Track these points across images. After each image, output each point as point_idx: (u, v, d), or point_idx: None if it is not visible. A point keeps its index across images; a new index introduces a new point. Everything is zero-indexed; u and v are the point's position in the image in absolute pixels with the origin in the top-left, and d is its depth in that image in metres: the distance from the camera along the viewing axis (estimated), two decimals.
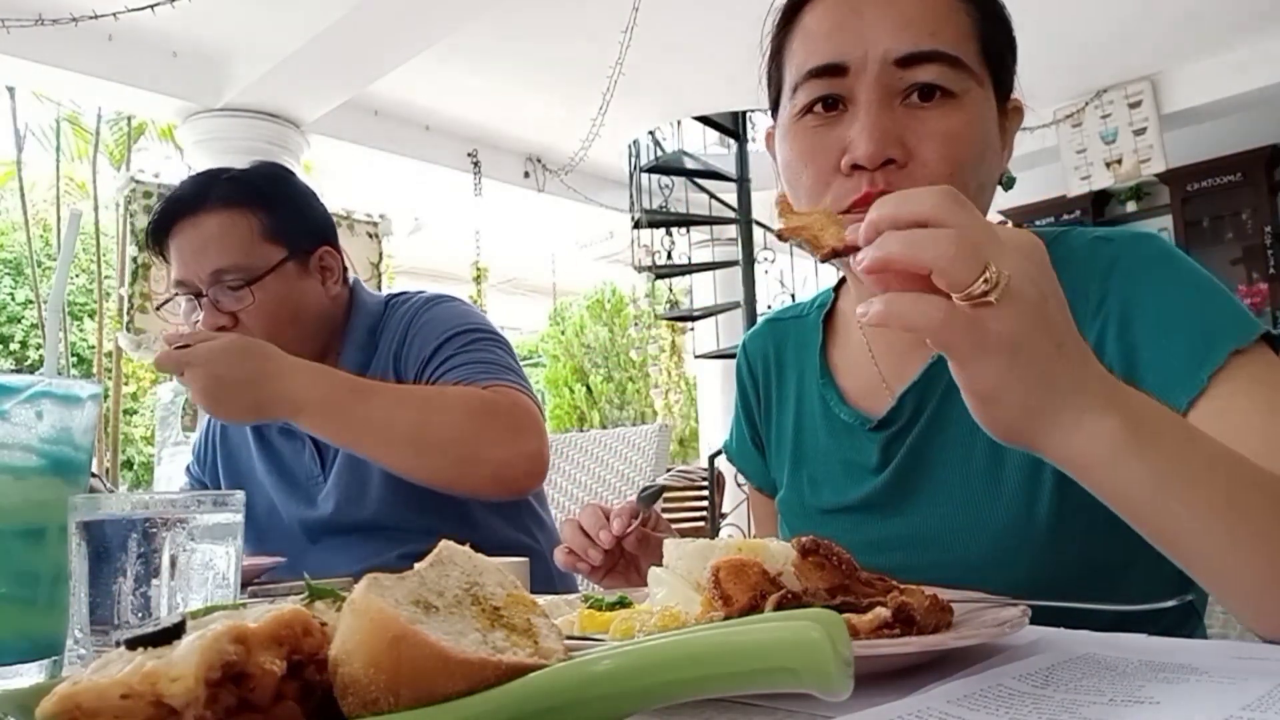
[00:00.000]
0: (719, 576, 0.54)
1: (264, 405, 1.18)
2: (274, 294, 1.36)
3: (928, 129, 0.75)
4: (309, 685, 0.33)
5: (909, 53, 0.75)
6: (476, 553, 0.41)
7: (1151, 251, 0.77)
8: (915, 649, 0.48)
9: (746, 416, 1.09)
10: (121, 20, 4.54)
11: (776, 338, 1.05)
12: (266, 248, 1.37)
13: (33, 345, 10.88)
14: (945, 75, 0.75)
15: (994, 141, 0.80)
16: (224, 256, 1.34)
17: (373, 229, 6.28)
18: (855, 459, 0.90)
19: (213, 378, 1.15)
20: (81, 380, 0.64)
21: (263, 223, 1.37)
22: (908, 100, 0.76)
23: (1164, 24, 5.59)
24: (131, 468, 9.94)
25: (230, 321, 1.35)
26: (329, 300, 1.45)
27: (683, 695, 0.33)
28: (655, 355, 10.40)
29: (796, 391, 1.00)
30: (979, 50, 0.79)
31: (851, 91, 0.77)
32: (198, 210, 1.35)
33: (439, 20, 4.75)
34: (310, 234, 1.44)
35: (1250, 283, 6.83)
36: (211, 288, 1.34)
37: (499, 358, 1.37)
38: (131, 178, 5.57)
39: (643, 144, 6.61)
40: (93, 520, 0.58)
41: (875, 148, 0.74)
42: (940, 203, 0.51)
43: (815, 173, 0.79)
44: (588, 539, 0.94)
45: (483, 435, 1.24)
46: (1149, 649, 0.53)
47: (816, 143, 0.79)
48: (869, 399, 0.92)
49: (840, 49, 0.77)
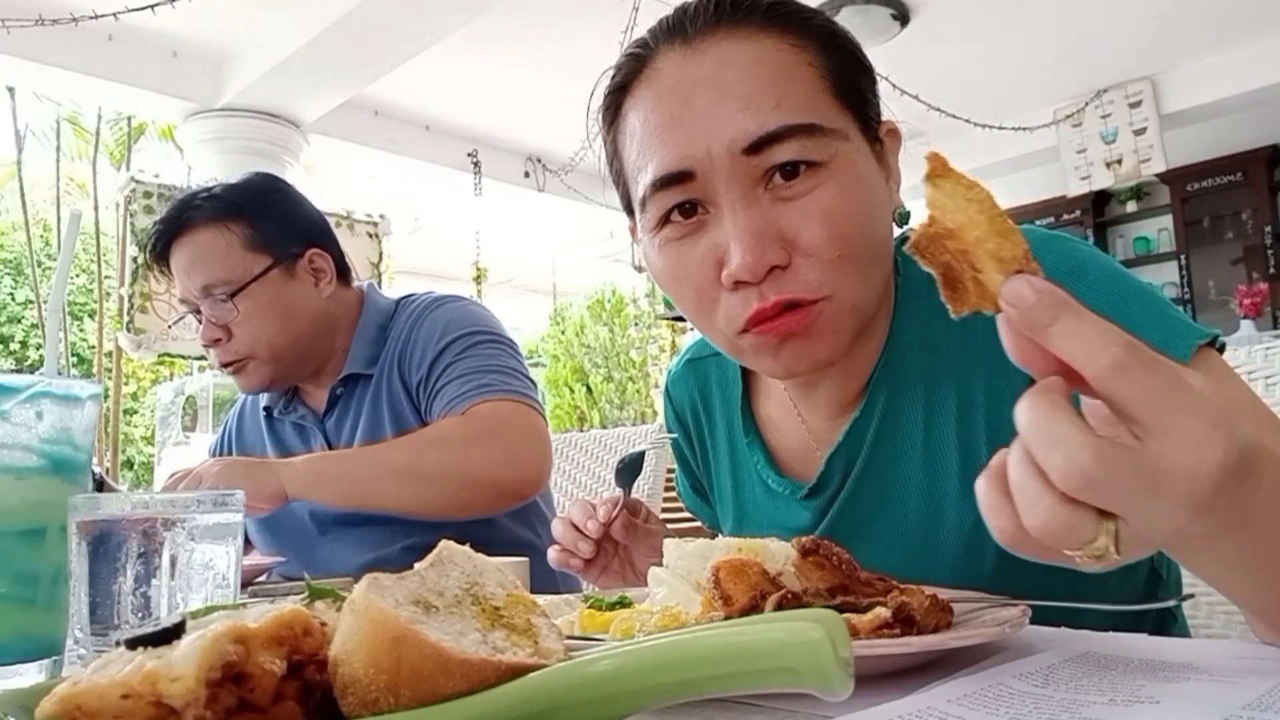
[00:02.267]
0: (719, 576, 0.54)
1: (274, 495, 1.28)
2: (261, 301, 1.41)
3: (801, 212, 0.67)
4: (309, 685, 0.33)
5: (756, 138, 0.66)
6: (477, 553, 0.41)
7: (1058, 267, 0.68)
8: (915, 649, 0.48)
9: (684, 467, 1.03)
10: (121, 20, 4.54)
11: (699, 380, 0.97)
12: (249, 257, 1.42)
13: (33, 345, 10.88)
14: (805, 148, 0.67)
15: (878, 193, 0.72)
16: (208, 271, 1.40)
17: (373, 229, 6.28)
18: (791, 524, 0.86)
19: (223, 477, 1.24)
20: (81, 380, 0.64)
21: (244, 234, 1.42)
22: (771, 184, 0.68)
23: (1164, 24, 5.58)
24: (131, 468, 9.94)
25: (224, 334, 1.41)
26: (324, 300, 1.48)
27: (683, 695, 0.33)
28: (655, 355, 10.39)
29: (729, 442, 0.93)
30: (834, 99, 0.70)
31: (706, 193, 0.69)
32: (183, 231, 1.43)
33: (439, 19, 4.75)
34: (296, 238, 1.47)
35: (1250, 283, 6.83)
36: (203, 302, 1.41)
37: (500, 363, 1.40)
38: (131, 178, 5.57)
39: None
40: (93, 520, 0.58)
41: (753, 258, 0.66)
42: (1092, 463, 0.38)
43: (695, 294, 0.71)
44: (577, 532, 0.92)
45: (477, 459, 1.29)
46: (1149, 649, 0.53)
47: (686, 258, 0.70)
48: (800, 461, 0.86)
49: (679, 152, 0.68)
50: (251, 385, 1.47)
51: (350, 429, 1.48)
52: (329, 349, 1.49)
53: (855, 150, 0.70)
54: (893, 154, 0.76)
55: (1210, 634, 1.01)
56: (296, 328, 1.44)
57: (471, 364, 1.38)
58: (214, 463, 1.28)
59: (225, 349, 1.42)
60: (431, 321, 1.45)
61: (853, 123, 0.71)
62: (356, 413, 1.47)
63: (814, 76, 0.69)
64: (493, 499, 1.34)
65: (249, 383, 1.46)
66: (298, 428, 1.55)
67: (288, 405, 1.55)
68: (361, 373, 1.47)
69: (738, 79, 0.68)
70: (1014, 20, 5.39)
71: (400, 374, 1.44)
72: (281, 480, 1.28)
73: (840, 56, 0.72)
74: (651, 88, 0.72)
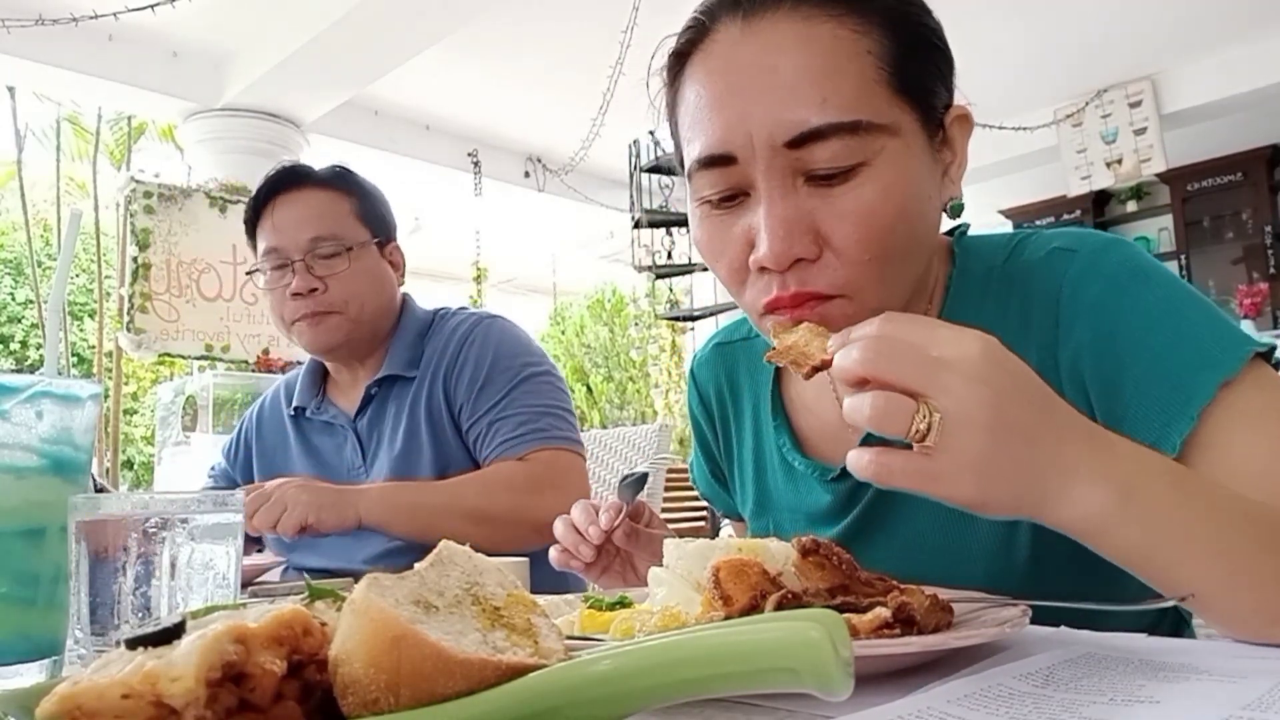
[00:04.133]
0: (719, 576, 0.54)
1: (352, 522, 1.34)
2: (363, 266, 1.50)
3: (838, 210, 0.66)
4: (309, 685, 0.33)
5: (799, 134, 0.65)
6: (476, 553, 0.41)
7: (1120, 268, 0.70)
8: (915, 649, 0.48)
9: (705, 451, 1.03)
10: (121, 20, 4.55)
11: (727, 363, 0.97)
12: (358, 226, 1.52)
13: (33, 345, 10.88)
14: (847, 146, 0.65)
15: (924, 188, 0.70)
16: (323, 225, 1.49)
17: None
18: (815, 509, 0.86)
19: (311, 505, 1.30)
20: (81, 380, 0.64)
21: (354, 205, 1.53)
22: (811, 177, 0.67)
23: (1164, 24, 5.59)
24: (131, 468, 9.94)
25: (321, 285, 1.47)
26: (395, 290, 1.58)
27: (683, 695, 0.33)
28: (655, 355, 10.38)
29: (754, 425, 0.93)
30: (890, 90, 0.67)
31: (746, 179, 0.68)
32: (300, 185, 1.51)
33: (439, 20, 4.76)
34: (387, 229, 1.58)
35: (1250, 283, 6.83)
36: (307, 254, 1.47)
37: (554, 401, 1.48)
38: (131, 178, 5.57)
39: (643, 144, 6.61)
40: (93, 520, 0.58)
41: (780, 248, 0.66)
42: (863, 358, 0.52)
43: (728, 268, 0.72)
44: (578, 535, 0.92)
45: (541, 508, 1.35)
46: (1149, 649, 0.53)
47: (724, 234, 0.71)
48: (831, 443, 0.85)
49: (724, 136, 0.68)
50: (325, 341, 1.51)
51: (384, 431, 1.51)
52: (380, 340, 1.55)
53: (905, 146, 0.68)
54: (961, 140, 0.74)
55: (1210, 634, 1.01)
56: (380, 301, 1.53)
57: (525, 401, 1.45)
58: (293, 485, 1.32)
59: (318, 299, 1.47)
60: (483, 342, 1.50)
61: (909, 114, 0.68)
62: (395, 416, 1.50)
63: (871, 66, 0.67)
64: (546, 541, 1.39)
65: (325, 339, 1.50)
66: (327, 426, 1.58)
67: (320, 405, 1.59)
68: (400, 375, 1.51)
69: (788, 67, 0.66)
70: (1014, 20, 5.39)
71: (445, 387, 1.48)
72: (359, 509, 1.34)
73: (907, 40, 0.69)
74: (705, 63, 0.71)
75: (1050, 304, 0.72)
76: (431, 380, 1.49)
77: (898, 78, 0.67)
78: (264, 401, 1.73)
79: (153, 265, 5.33)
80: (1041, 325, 0.73)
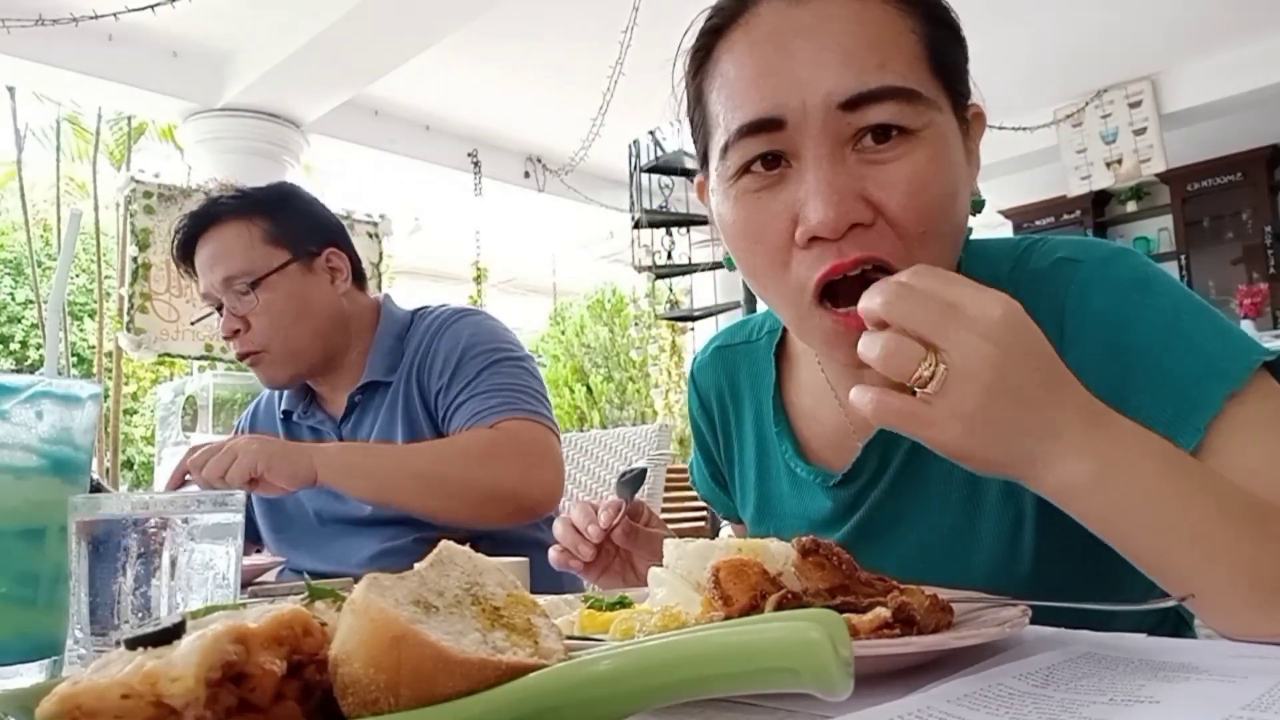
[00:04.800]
0: (719, 576, 0.54)
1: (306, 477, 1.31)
2: (279, 293, 1.45)
3: (889, 178, 0.65)
4: (309, 685, 0.33)
5: (855, 94, 0.64)
6: (476, 553, 0.41)
7: (1125, 279, 0.70)
8: (915, 649, 0.48)
9: (705, 454, 1.02)
10: (121, 20, 4.55)
11: (728, 367, 0.96)
12: (269, 251, 1.46)
13: (33, 345, 10.88)
14: (901, 113, 0.64)
15: (961, 171, 0.70)
16: (230, 264, 1.44)
17: (373, 229, 6.27)
18: (816, 515, 0.85)
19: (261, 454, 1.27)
20: (81, 380, 0.64)
21: (264, 229, 1.47)
22: (860, 146, 0.65)
23: (1164, 24, 5.59)
24: (131, 468, 9.94)
25: (243, 325, 1.45)
26: (338, 298, 1.52)
27: (683, 695, 0.33)
28: (655, 355, 10.38)
29: (755, 429, 0.92)
30: (931, 70, 0.68)
31: (793, 145, 0.66)
32: (207, 228, 1.47)
33: (439, 20, 4.76)
34: (315, 237, 1.51)
35: (1250, 283, 6.83)
36: (225, 295, 1.45)
37: (522, 382, 1.45)
38: (131, 178, 5.56)
39: (643, 144, 6.61)
40: (93, 520, 0.58)
41: (835, 214, 0.63)
42: (885, 301, 0.54)
43: (768, 252, 0.68)
44: (578, 535, 0.92)
45: (498, 473, 1.34)
46: (1149, 649, 0.53)
47: (762, 213, 0.68)
48: (832, 449, 0.84)
49: (773, 98, 0.65)
50: (270, 378, 1.51)
51: (366, 436, 1.50)
52: (345, 349, 1.52)
53: (947, 124, 0.68)
54: (975, 138, 0.74)
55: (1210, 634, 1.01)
56: (313, 322, 1.48)
57: (495, 381, 1.42)
58: (249, 438, 1.30)
59: (243, 340, 1.46)
60: (454, 333, 1.48)
61: (945, 97, 0.69)
62: (375, 420, 1.50)
63: (916, 44, 0.67)
64: (509, 513, 1.38)
65: (267, 375, 1.50)
66: (314, 432, 1.58)
67: (306, 410, 1.58)
68: (380, 381, 1.50)
69: (842, 33, 0.65)
70: (1014, 20, 5.39)
71: (419, 383, 1.47)
72: (314, 463, 1.31)
73: (941, 30, 0.69)
74: (750, 34, 0.69)
75: (1055, 314, 0.71)
76: (409, 379, 1.48)
77: (936, 61, 0.68)
78: (259, 403, 1.73)
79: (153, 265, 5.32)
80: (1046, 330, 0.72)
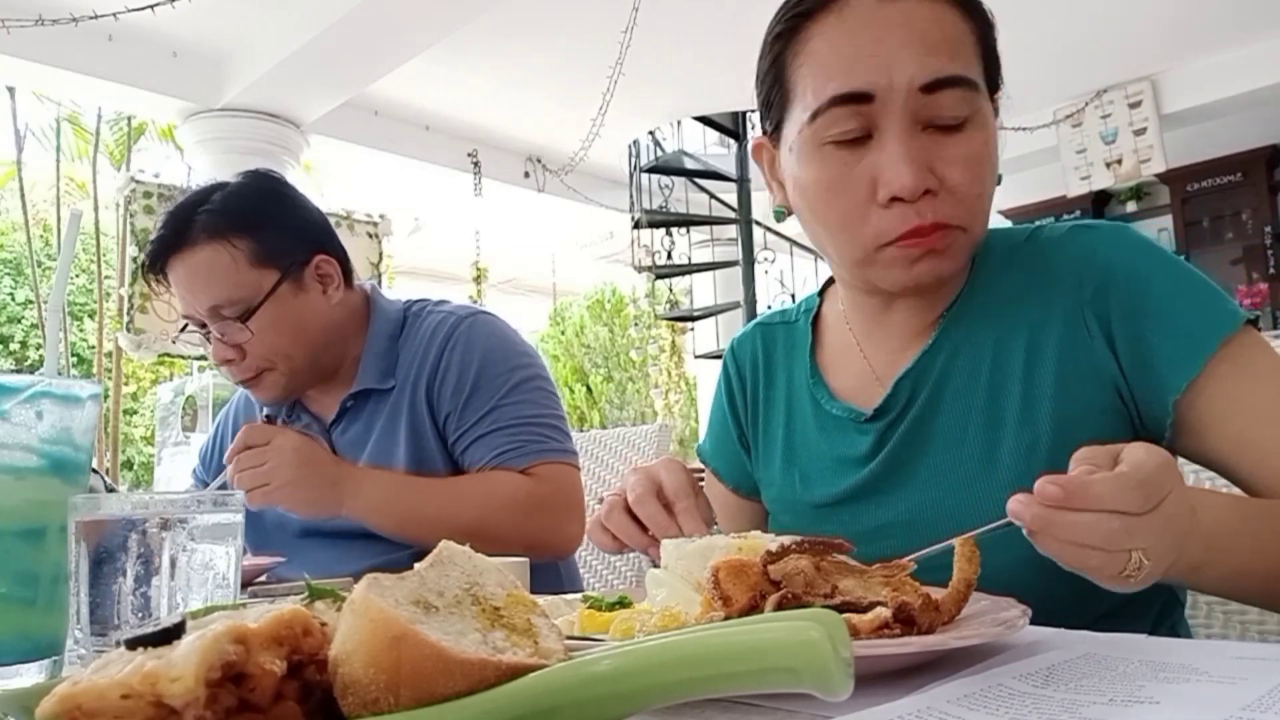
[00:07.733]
0: (719, 576, 0.54)
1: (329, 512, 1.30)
2: (273, 318, 1.35)
3: (952, 155, 0.78)
4: (309, 685, 0.33)
5: (935, 79, 0.77)
6: (476, 553, 0.41)
7: (1140, 241, 0.83)
8: (915, 649, 0.48)
9: (732, 417, 1.08)
10: (121, 20, 4.55)
11: (765, 342, 1.06)
12: (257, 274, 1.34)
13: (33, 345, 10.88)
14: (965, 99, 0.78)
15: (998, 155, 0.84)
16: (215, 292, 1.32)
17: (373, 229, 6.28)
18: (847, 453, 0.91)
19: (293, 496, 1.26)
20: (81, 380, 0.64)
21: (249, 249, 1.34)
22: (929, 127, 0.79)
23: (1164, 24, 5.59)
24: (131, 468, 9.95)
25: (237, 354, 1.35)
26: (333, 308, 1.42)
27: (683, 695, 0.33)
28: (655, 355, 10.39)
29: (786, 394, 1.01)
30: (983, 65, 0.82)
31: (875, 119, 0.78)
32: (182, 248, 1.34)
33: (439, 20, 4.75)
34: (302, 246, 1.40)
35: (1250, 283, 6.82)
36: (213, 322, 1.34)
37: (542, 411, 1.40)
38: (131, 178, 5.57)
39: (643, 144, 6.62)
40: (93, 520, 0.58)
41: (914, 179, 0.76)
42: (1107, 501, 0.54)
43: (847, 205, 0.81)
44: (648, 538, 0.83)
45: (538, 529, 1.34)
46: (1149, 649, 0.53)
47: (845, 174, 0.80)
48: (860, 394, 0.93)
49: (865, 75, 0.78)
50: (270, 396, 1.43)
51: (362, 444, 1.42)
52: (341, 354, 1.44)
53: (989, 111, 0.83)
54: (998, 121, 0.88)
55: (1210, 634, 1.01)
56: (310, 340, 1.39)
57: (519, 412, 1.37)
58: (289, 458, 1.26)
59: (240, 368, 1.37)
60: (465, 347, 1.39)
61: (987, 88, 0.83)
62: (369, 427, 1.42)
63: (974, 43, 0.81)
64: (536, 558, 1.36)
65: (268, 394, 1.42)
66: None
67: (290, 413, 1.49)
68: (375, 387, 1.42)
69: (924, 29, 0.78)
70: (1014, 20, 5.37)
71: (428, 397, 1.39)
72: (342, 499, 1.29)
73: (989, 30, 0.84)
74: (845, 21, 0.80)
75: (1076, 267, 0.82)
76: (413, 389, 1.39)
77: (985, 60, 0.83)
78: (239, 401, 1.63)
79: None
80: (1066, 284, 0.83)
